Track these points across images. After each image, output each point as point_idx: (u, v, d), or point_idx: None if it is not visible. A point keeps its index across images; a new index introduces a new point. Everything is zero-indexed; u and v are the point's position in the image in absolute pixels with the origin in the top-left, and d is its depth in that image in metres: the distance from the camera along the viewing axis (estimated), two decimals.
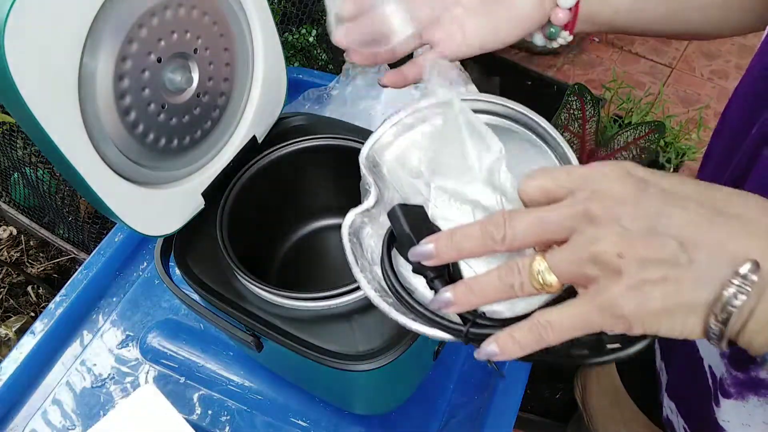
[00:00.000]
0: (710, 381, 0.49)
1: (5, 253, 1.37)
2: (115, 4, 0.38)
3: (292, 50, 1.17)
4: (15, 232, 1.39)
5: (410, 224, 0.35)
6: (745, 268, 0.26)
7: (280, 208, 0.60)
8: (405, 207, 0.35)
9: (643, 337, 0.30)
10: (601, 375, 0.91)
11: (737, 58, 2.08)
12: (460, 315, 0.34)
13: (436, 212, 0.38)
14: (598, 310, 0.29)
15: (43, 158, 1.12)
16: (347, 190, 0.61)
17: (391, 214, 0.35)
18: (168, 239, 0.51)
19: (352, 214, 0.38)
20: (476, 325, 0.33)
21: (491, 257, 0.36)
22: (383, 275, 0.36)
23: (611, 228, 0.28)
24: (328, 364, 0.44)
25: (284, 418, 0.61)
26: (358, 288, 0.46)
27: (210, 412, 0.62)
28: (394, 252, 0.37)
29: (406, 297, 0.35)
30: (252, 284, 0.47)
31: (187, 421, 0.53)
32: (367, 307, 0.47)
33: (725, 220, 0.28)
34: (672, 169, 1.41)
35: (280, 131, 0.58)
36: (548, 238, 0.31)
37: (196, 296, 0.50)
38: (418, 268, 0.35)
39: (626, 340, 0.31)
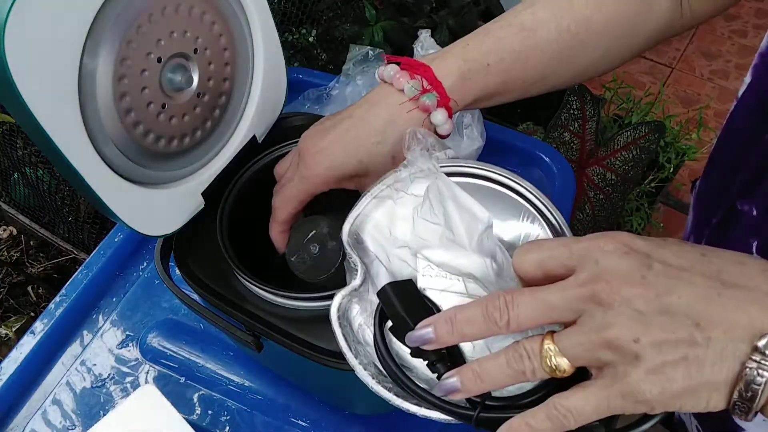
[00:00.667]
0: None
1: (5, 253, 1.37)
2: (115, 5, 0.38)
3: (292, 50, 1.17)
4: (15, 232, 1.39)
5: (403, 304, 0.33)
6: (762, 342, 0.26)
7: None
8: (395, 285, 0.34)
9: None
10: None
11: (737, 58, 2.09)
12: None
13: (425, 283, 0.37)
14: (620, 396, 0.28)
15: (43, 158, 1.12)
16: (347, 189, 0.61)
17: (382, 295, 0.34)
18: (168, 239, 0.51)
19: (339, 297, 0.37)
20: (486, 408, 0.32)
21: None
22: (379, 360, 0.34)
23: (623, 311, 0.28)
24: (328, 364, 0.44)
25: (284, 418, 0.61)
26: None
27: (210, 412, 0.62)
28: (387, 331, 0.35)
29: (407, 382, 0.33)
30: (252, 284, 0.47)
31: (187, 421, 0.53)
32: None
33: (733, 293, 0.28)
34: (672, 169, 1.41)
35: (280, 131, 0.58)
36: (554, 321, 0.30)
37: (196, 296, 0.50)
38: (417, 353, 0.33)
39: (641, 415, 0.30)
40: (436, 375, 0.33)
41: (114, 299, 0.70)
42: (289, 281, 0.54)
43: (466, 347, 0.35)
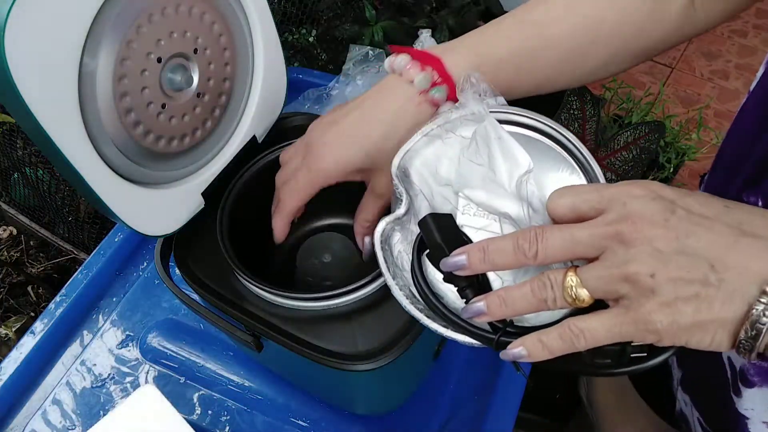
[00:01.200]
0: (728, 372, 0.49)
1: (5, 253, 1.37)
2: (115, 5, 0.38)
3: (292, 50, 1.17)
4: (15, 232, 1.39)
5: (441, 234, 0.36)
6: None
7: None
8: (435, 216, 0.36)
9: (667, 348, 0.32)
10: None
11: (737, 58, 2.09)
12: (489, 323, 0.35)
13: (464, 220, 0.39)
14: (632, 323, 0.30)
15: (43, 158, 1.12)
16: (347, 189, 0.61)
17: (423, 224, 0.36)
18: (168, 239, 0.51)
19: (383, 223, 0.39)
20: (507, 333, 0.34)
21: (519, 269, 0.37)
22: (414, 282, 0.37)
23: (643, 249, 0.30)
24: (328, 364, 0.44)
25: (284, 418, 0.61)
26: (358, 288, 0.46)
27: (210, 412, 0.62)
28: (424, 258, 0.37)
29: (438, 305, 0.35)
30: (252, 284, 0.47)
31: (187, 421, 0.53)
32: (367, 307, 0.47)
33: (750, 241, 0.30)
34: (672, 169, 1.41)
35: (280, 131, 0.58)
36: (579, 256, 0.32)
37: (196, 296, 0.50)
38: (450, 278, 0.35)
39: (650, 349, 0.32)
40: (464, 301, 0.35)
41: (114, 299, 0.70)
42: (289, 281, 0.54)
43: (494, 283, 0.37)
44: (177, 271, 0.51)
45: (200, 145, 0.51)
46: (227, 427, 0.61)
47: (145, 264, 0.73)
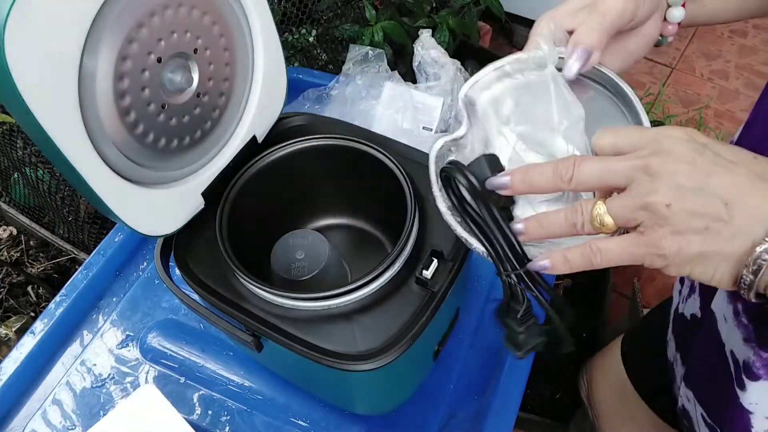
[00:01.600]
0: (732, 366, 0.49)
1: (5, 253, 1.37)
2: (115, 4, 0.38)
3: (292, 50, 1.17)
4: (15, 232, 1.39)
5: (490, 165, 0.39)
6: None
7: (280, 208, 0.60)
8: (487, 156, 0.40)
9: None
10: (607, 369, 0.91)
11: (737, 57, 2.08)
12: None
13: (515, 157, 0.43)
14: (644, 246, 0.33)
15: (43, 158, 1.12)
16: (347, 189, 0.61)
17: (476, 160, 0.39)
18: (168, 239, 0.51)
19: (441, 141, 0.44)
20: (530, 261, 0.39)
21: (552, 204, 0.42)
22: (454, 192, 0.40)
23: (666, 182, 0.33)
24: (328, 364, 0.44)
25: (284, 418, 0.61)
26: (358, 288, 0.46)
27: (210, 412, 0.62)
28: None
29: (477, 218, 0.39)
30: (252, 284, 0.47)
31: (187, 421, 0.53)
32: (367, 307, 0.47)
33: (766, 186, 0.32)
34: None
35: (280, 131, 0.58)
36: (610, 184, 0.35)
37: (195, 296, 0.50)
38: (487, 196, 0.39)
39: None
40: (494, 225, 0.39)
41: (114, 299, 0.70)
42: (288, 281, 0.54)
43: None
44: (177, 271, 0.51)
45: (200, 145, 0.51)
46: (227, 427, 0.61)
47: (145, 264, 0.73)
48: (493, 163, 0.39)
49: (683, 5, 0.49)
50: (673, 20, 0.50)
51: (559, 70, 0.44)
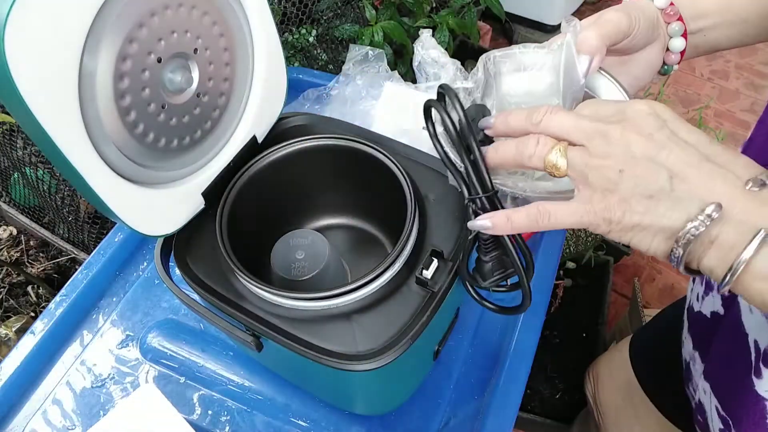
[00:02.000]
0: (753, 355, 0.50)
1: (5, 253, 1.37)
2: (116, 4, 0.38)
3: (292, 50, 1.17)
4: (15, 232, 1.39)
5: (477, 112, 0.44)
6: (710, 208, 0.33)
7: (280, 208, 0.60)
8: (480, 106, 0.46)
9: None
10: (615, 369, 0.92)
11: (737, 58, 2.08)
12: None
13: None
14: (592, 212, 0.36)
15: (43, 158, 1.12)
16: (347, 189, 0.61)
17: (472, 105, 0.46)
18: (168, 239, 0.51)
19: (458, 83, 0.50)
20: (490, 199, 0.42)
21: (528, 179, 0.46)
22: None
23: (621, 150, 0.35)
24: (328, 364, 0.44)
25: (284, 418, 0.61)
26: (358, 288, 0.46)
27: (210, 412, 0.62)
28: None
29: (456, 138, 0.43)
30: (252, 284, 0.47)
31: (187, 421, 0.53)
32: (367, 307, 0.47)
33: (712, 167, 0.34)
34: None
35: (280, 131, 0.58)
36: (571, 138, 0.38)
37: (196, 296, 0.50)
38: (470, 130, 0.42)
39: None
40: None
41: (114, 299, 0.70)
42: (288, 281, 0.54)
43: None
44: (177, 271, 0.51)
45: (200, 144, 0.51)
46: (227, 427, 0.61)
47: (145, 264, 0.73)
48: (482, 109, 0.45)
49: (684, 35, 0.52)
50: (675, 50, 0.53)
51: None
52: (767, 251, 0.32)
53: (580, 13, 2.18)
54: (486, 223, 0.41)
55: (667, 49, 0.53)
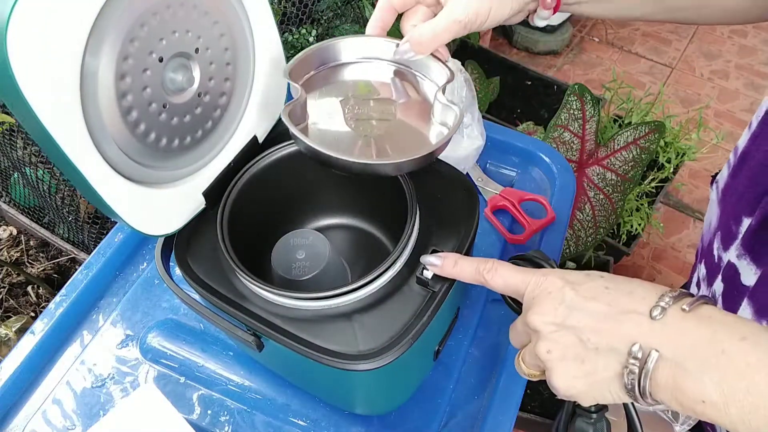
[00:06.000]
0: None
1: (5, 253, 1.37)
2: (117, 3, 0.38)
3: (292, 50, 1.17)
4: (15, 232, 1.39)
5: None
6: (634, 348, 0.36)
7: (281, 207, 0.60)
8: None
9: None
10: None
11: (737, 58, 2.09)
12: None
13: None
14: (554, 389, 0.40)
15: (43, 158, 1.12)
16: (348, 189, 0.61)
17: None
18: (168, 239, 0.51)
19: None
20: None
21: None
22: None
23: (542, 335, 0.40)
24: (329, 363, 0.44)
25: (284, 418, 0.61)
26: (358, 288, 0.46)
27: (210, 412, 0.62)
28: None
29: None
30: (252, 284, 0.47)
31: (187, 421, 0.53)
32: (367, 306, 0.47)
33: (618, 316, 0.37)
34: (672, 169, 1.41)
35: (280, 131, 0.58)
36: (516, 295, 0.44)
37: (196, 296, 0.50)
38: None
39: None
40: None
41: (114, 299, 0.70)
42: (289, 281, 0.54)
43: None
44: (177, 271, 0.51)
45: (201, 144, 0.51)
46: (227, 427, 0.61)
47: (145, 264, 0.73)
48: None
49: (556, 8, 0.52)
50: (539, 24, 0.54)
51: None
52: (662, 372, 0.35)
53: None
54: (434, 261, 0.47)
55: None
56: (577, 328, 0.38)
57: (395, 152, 0.50)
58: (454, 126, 0.49)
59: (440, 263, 0.46)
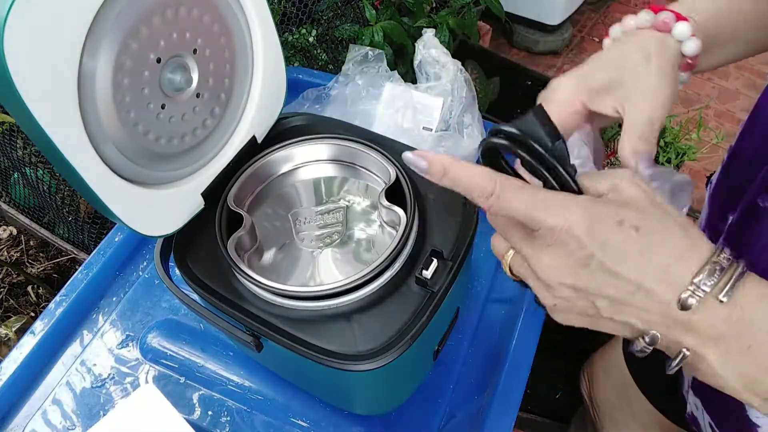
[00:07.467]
0: None
1: (5, 253, 1.37)
2: (115, 4, 0.38)
3: (292, 50, 1.17)
4: (15, 232, 1.39)
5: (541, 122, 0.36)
6: (654, 334, 0.33)
7: None
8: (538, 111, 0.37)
9: None
10: (609, 366, 0.91)
11: None
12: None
13: None
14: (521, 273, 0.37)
15: (43, 158, 1.12)
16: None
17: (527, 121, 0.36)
18: (168, 239, 0.51)
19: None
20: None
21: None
22: None
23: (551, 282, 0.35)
24: (328, 364, 0.44)
25: (284, 418, 0.61)
26: (358, 288, 0.46)
27: (210, 412, 0.62)
28: None
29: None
30: (252, 284, 0.47)
31: (187, 421, 0.53)
32: (367, 307, 0.47)
33: (644, 299, 0.33)
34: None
35: (279, 131, 0.58)
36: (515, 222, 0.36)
37: (195, 296, 0.50)
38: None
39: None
40: None
41: (114, 299, 0.70)
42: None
43: None
44: (177, 271, 0.51)
45: (200, 145, 0.51)
46: (227, 427, 0.61)
47: (145, 264, 0.73)
48: (543, 116, 0.35)
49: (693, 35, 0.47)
50: (690, 54, 0.47)
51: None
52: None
53: (580, 13, 2.18)
54: (423, 164, 0.35)
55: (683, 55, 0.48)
56: (595, 296, 0.34)
57: (351, 263, 0.52)
58: (401, 228, 0.48)
59: (425, 166, 0.35)
